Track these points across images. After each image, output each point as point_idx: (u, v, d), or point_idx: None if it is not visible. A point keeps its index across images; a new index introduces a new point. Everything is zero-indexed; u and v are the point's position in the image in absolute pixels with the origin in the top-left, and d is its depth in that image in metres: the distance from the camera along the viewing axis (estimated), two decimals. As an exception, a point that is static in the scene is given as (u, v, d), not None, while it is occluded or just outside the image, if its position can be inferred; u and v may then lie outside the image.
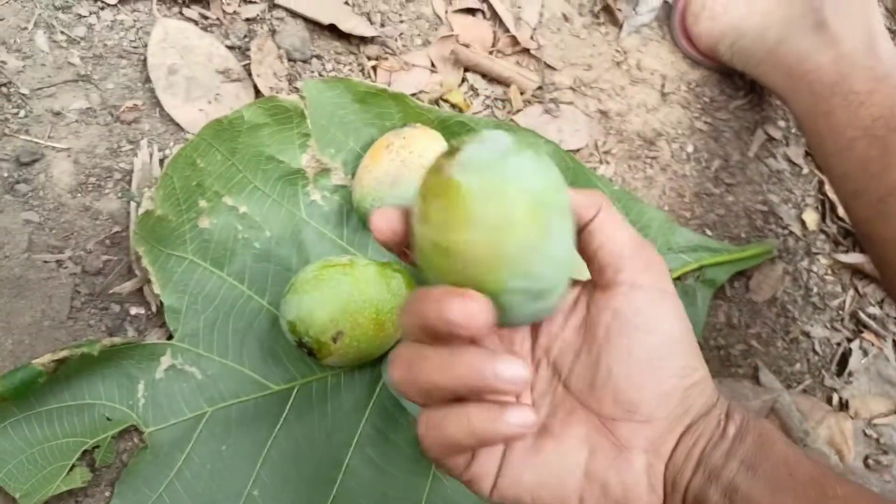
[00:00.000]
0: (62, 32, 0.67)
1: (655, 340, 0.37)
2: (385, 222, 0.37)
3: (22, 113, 0.65)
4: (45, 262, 0.63)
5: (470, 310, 0.32)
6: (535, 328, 0.41)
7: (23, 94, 0.65)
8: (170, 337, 0.61)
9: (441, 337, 0.34)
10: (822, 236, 0.78)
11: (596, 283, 0.39)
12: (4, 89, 0.65)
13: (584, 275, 0.40)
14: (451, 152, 0.34)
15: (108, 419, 0.58)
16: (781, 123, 0.80)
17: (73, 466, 0.57)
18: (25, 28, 0.66)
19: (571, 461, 0.38)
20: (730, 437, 0.37)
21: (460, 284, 0.33)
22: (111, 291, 0.63)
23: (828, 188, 0.79)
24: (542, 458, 0.38)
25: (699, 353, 0.39)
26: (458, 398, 0.35)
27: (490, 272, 0.33)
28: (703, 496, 0.37)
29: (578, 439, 0.38)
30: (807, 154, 0.80)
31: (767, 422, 0.39)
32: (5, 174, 0.64)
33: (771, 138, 0.79)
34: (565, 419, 0.39)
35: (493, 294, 0.34)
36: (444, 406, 0.35)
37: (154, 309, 0.64)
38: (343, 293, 0.56)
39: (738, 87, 0.80)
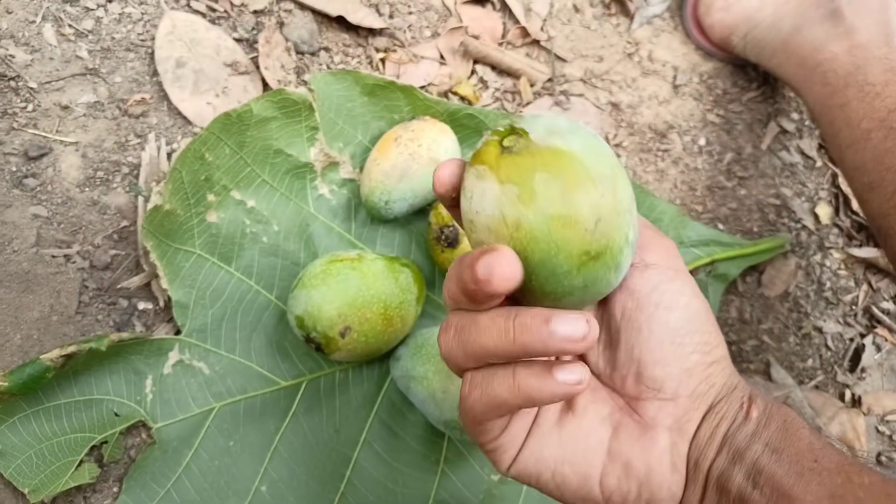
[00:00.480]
0: (70, 26, 0.67)
1: (675, 316, 0.37)
2: (448, 173, 0.36)
3: (30, 107, 0.65)
4: (54, 256, 0.63)
5: (501, 262, 0.31)
6: None
7: (31, 88, 0.65)
8: (177, 332, 0.61)
9: (477, 300, 0.33)
10: (836, 230, 0.77)
11: None
12: (13, 83, 0.65)
13: None
14: (517, 132, 0.33)
15: (116, 415, 0.58)
16: (795, 116, 0.79)
17: (81, 462, 0.57)
18: (33, 21, 0.66)
19: (594, 439, 0.37)
20: (754, 420, 0.37)
21: (585, 251, 0.32)
22: (119, 286, 0.63)
23: (841, 181, 0.78)
24: (566, 433, 0.37)
25: (719, 331, 0.38)
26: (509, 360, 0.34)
27: (617, 228, 0.33)
28: (726, 476, 0.36)
29: (601, 418, 0.38)
30: (820, 147, 0.79)
31: (792, 410, 0.38)
32: (14, 168, 0.63)
33: (784, 131, 0.78)
34: (589, 397, 0.38)
35: (617, 251, 0.34)
36: (488, 368, 0.35)
37: (162, 304, 0.63)
38: (351, 288, 0.56)
39: (751, 78, 0.79)
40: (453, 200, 0.37)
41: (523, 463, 0.38)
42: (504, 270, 0.31)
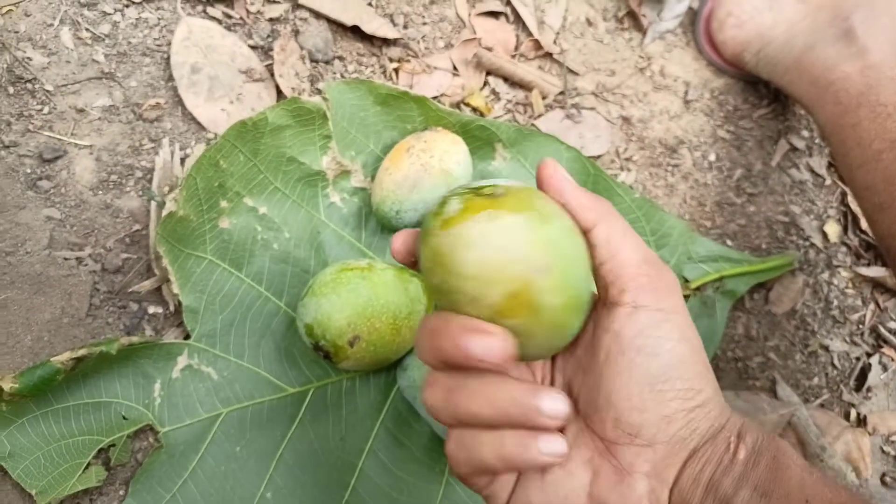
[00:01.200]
0: (87, 29, 0.67)
1: (657, 363, 0.36)
2: (402, 243, 0.39)
3: (46, 109, 0.65)
4: (66, 259, 0.63)
5: (491, 344, 0.33)
6: None
7: (47, 91, 0.65)
8: (187, 337, 0.61)
9: (462, 369, 0.35)
10: (844, 249, 0.77)
11: (601, 300, 0.38)
12: (29, 85, 0.65)
13: None
14: (481, 190, 0.36)
15: (125, 418, 0.59)
16: (805, 133, 0.79)
17: (88, 465, 0.57)
18: (51, 25, 0.67)
19: (576, 484, 0.37)
20: (741, 462, 0.36)
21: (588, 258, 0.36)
22: (130, 290, 0.64)
23: (850, 200, 0.78)
24: (549, 478, 0.38)
25: (707, 374, 0.38)
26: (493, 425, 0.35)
27: (588, 278, 0.37)
28: None
29: (583, 462, 0.38)
30: (830, 165, 0.79)
31: (784, 442, 0.38)
32: (28, 170, 0.64)
33: (794, 148, 0.79)
34: (573, 441, 0.38)
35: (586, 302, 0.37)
36: (477, 429, 0.36)
37: (172, 308, 0.64)
38: (361, 297, 0.56)
39: (762, 95, 0.80)
40: (413, 263, 0.39)
41: None
42: (498, 349, 0.33)
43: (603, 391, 0.37)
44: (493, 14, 0.76)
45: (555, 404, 0.34)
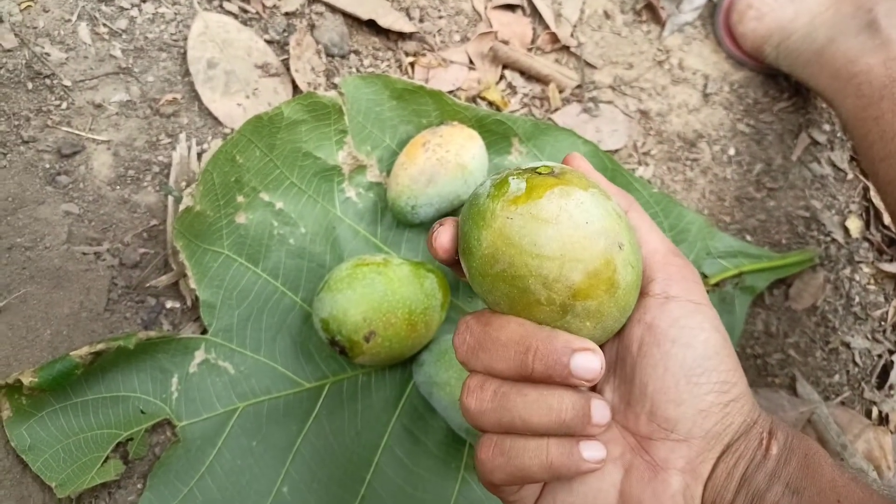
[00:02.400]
0: (104, 25, 0.68)
1: (692, 354, 0.35)
2: (448, 239, 0.37)
3: (64, 105, 0.66)
4: (84, 253, 0.63)
5: (594, 362, 0.33)
6: None
7: (65, 86, 0.66)
8: (204, 331, 0.61)
9: (536, 379, 0.34)
10: (866, 244, 0.76)
11: None
12: (48, 81, 0.65)
13: None
14: (536, 170, 0.35)
15: (142, 412, 0.59)
16: (826, 127, 0.78)
17: (107, 458, 0.58)
18: (69, 20, 0.67)
19: (606, 482, 0.37)
20: (773, 458, 0.35)
21: (636, 278, 0.35)
22: (147, 284, 0.64)
23: (873, 195, 0.77)
24: (578, 478, 0.37)
25: (739, 367, 0.37)
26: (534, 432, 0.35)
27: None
28: None
29: (612, 459, 0.37)
30: (852, 159, 0.78)
31: (814, 441, 0.37)
32: (47, 165, 0.64)
33: (815, 142, 0.78)
34: (601, 438, 0.37)
35: None
36: (517, 437, 0.35)
37: (189, 303, 0.64)
38: (376, 293, 0.56)
39: (783, 88, 0.78)
40: (454, 260, 0.37)
41: None
42: (599, 367, 0.33)
43: (637, 384, 0.36)
44: (510, 7, 0.76)
45: (604, 412, 0.34)
